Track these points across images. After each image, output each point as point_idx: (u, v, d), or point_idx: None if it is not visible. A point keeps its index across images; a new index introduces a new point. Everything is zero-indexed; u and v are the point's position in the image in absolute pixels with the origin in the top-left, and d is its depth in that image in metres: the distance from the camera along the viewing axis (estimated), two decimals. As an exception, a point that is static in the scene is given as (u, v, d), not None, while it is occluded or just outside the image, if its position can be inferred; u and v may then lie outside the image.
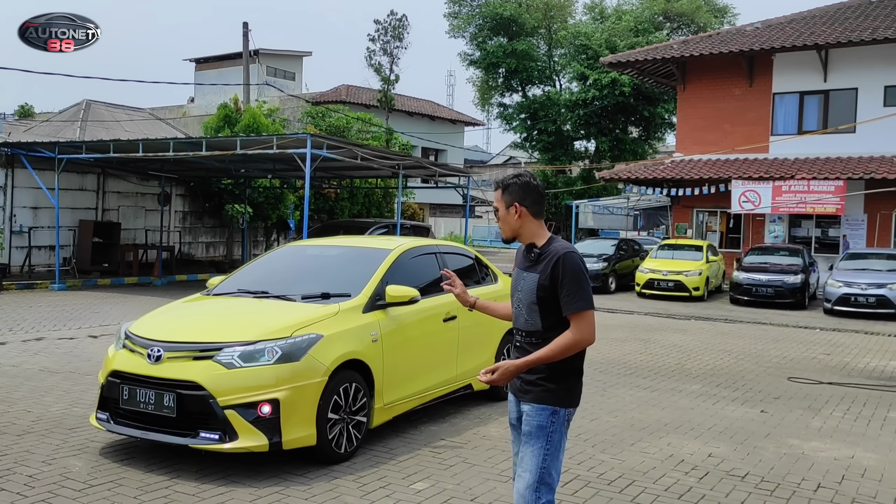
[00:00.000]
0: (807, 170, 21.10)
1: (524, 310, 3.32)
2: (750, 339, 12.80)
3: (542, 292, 3.22)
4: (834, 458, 5.97)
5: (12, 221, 18.81)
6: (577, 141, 39.37)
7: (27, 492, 4.74)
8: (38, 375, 8.09)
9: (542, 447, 3.20)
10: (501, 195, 3.37)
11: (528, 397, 3.27)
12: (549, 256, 3.24)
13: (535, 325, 3.28)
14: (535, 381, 3.24)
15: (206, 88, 36.91)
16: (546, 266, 3.22)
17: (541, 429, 3.21)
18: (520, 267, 3.41)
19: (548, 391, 3.22)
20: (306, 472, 5.25)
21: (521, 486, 3.19)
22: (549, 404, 3.22)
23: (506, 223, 3.38)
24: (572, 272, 3.17)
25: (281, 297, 6.08)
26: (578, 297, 3.16)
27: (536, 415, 3.23)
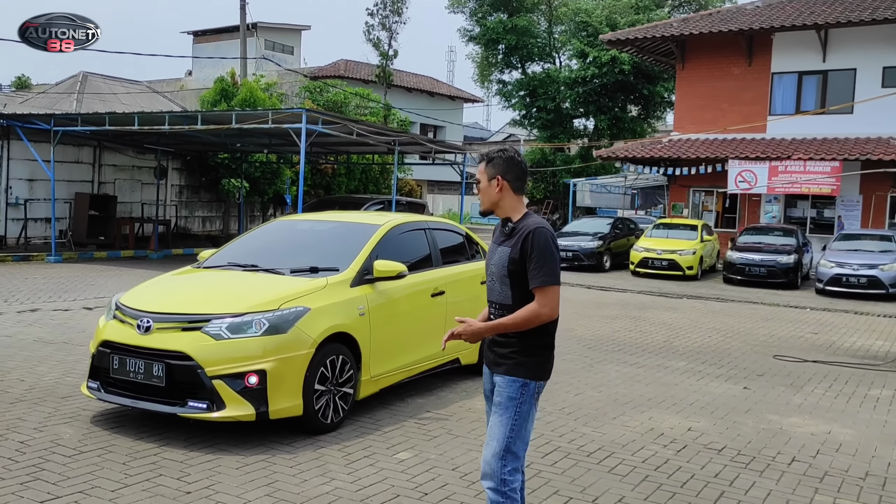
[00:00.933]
0: (804, 150, 21.11)
1: (497, 283, 3.40)
2: (740, 317, 12.92)
3: (512, 266, 3.30)
4: (811, 434, 6.09)
5: (8, 193, 18.84)
6: (577, 119, 39.23)
7: (18, 457, 4.85)
8: (32, 346, 8.19)
9: (511, 417, 3.28)
10: (485, 168, 3.46)
11: (500, 369, 3.35)
12: (521, 231, 3.33)
13: (506, 298, 3.36)
14: (508, 354, 3.33)
15: (204, 62, 36.68)
16: (518, 240, 3.31)
17: (510, 400, 3.29)
18: (495, 241, 3.50)
19: (519, 364, 3.31)
20: (293, 441, 5.36)
21: (487, 453, 3.28)
22: (520, 377, 3.30)
23: (486, 195, 3.46)
24: (540, 247, 3.25)
25: (270, 270, 6.16)
26: (544, 272, 3.24)
27: (507, 386, 3.31)
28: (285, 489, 4.51)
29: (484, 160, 3.49)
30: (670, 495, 4.67)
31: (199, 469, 4.78)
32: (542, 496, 4.56)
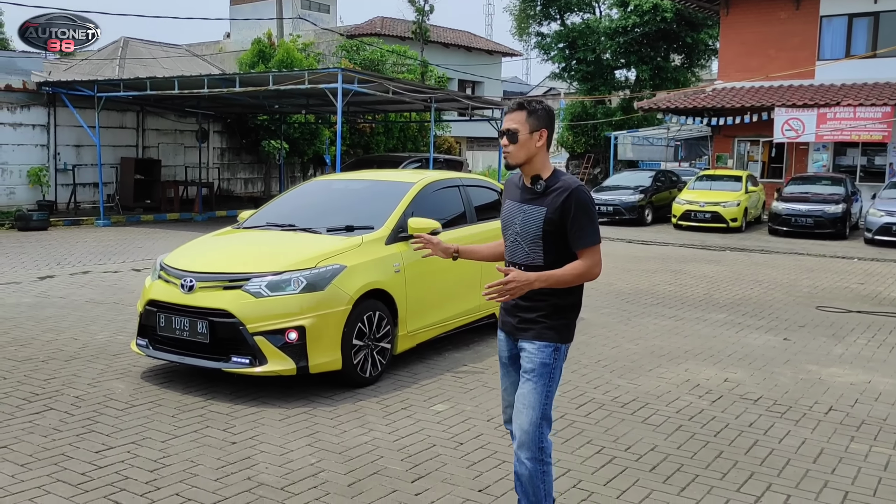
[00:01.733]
0: (853, 96, 20.43)
1: (525, 244, 3.21)
2: (784, 269, 12.73)
3: (549, 226, 3.13)
4: (850, 383, 6.05)
5: (56, 159, 19.33)
6: (618, 70, 38.40)
7: (74, 411, 5.10)
8: (84, 306, 8.52)
9: (545, 384, 3.18)
10: (526, 118, 3.19)
11: (527, 335, 3.22)
12: (559, 190, 3.15)
13: (536, 259, 3.19)
14: (536, 318, 3.20)
15: (242, 23, 36.74)
16: (555, 199, 3.13)
17: (544, 366, 3.18)
18: (516, 200, 3.29)
19: (550, 328, 3.19)
20: (333, 394, 5.53)
21: (524, 422, 3.16)
22: (552, 341, 3.18)
23: (525, 148, 3.19)
24: (584, 207, 3.11)
25: (307, 229, 6.28)
26: (590, 231, 3.12)
27: (539, 352, 3.18)
28: (326, 439, 4.68)
29: (525, 109, 3.20)
30: (703, 444, 4.71)
31: (243, 421, 4.97)
32: (574, 445, 4.64)
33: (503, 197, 3.42)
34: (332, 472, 4.20)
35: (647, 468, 4.33)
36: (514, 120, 3.20)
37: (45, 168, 18.89)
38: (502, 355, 3.42)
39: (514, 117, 3.21)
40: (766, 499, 3.97)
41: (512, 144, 3.20)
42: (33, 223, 16.34)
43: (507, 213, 3.32)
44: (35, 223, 16.36)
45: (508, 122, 3.21)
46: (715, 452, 4.58)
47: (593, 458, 4.46)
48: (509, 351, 3.38)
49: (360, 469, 4.26)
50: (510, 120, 3.21)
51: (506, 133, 3.21)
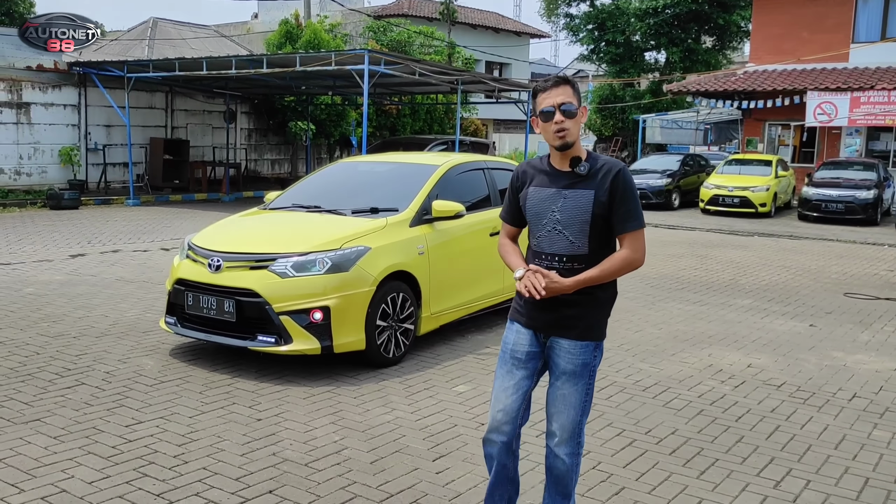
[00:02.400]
0: (888, 79, 20.01)
1: (569, 233, 2.96)
2: (812, 255, 12.58)
3: (599, 210, 2.92)
4: (876, 371, 6.00)
5: (87, 139, 19.61)
6: (647, 52, 37.90)
7: (105, 386, 5.23)
8: (114, 284, 8.68)
9: (587, 383, 3.04)
10: (573, 92, 2.96)
11: (570, 334, 3.00)
12: (604, 171, 2.96)
13: (581, 248, 2.96)
14: (580, 314, 2.98)
15: (270, 4, 36.82)
16: (603, 181, 2.93)
17: (585, 366, 3.01)
18: (548, 185, 3.03)
19: (591, 326, 3.01)
20: (356, 374, 5.60)
21: (566, 421, 3.02)
22: (594, 339, 3.02)
23: (578, 125, 2.96)
24: (631, 189, 2.94)
25: (332, 211, 6.34)
26: (636, 215, 2.96)
27: (581, 353, 3.00)
28: (349, 418, 4.75)
29: (569, 84, 2.97)
30: (724, 429, 4.72)
31: (269, 398, 5.06)
32: (595, 428, 4.67)
33: (518, 184, 3.14)
34: (355, 450, 4.28)
35: (666, 451, 4.35)
36: (566, 94, 2.95)
37: (76, 147, 19.18)
38: (517, 350, 3.09)
39: (564, 91, 2.95)
40: (785, 483, 3.97)
41: (569, 120, 2.93)
42: (65, 202, 16.63)
43: (540, 201, 3.04)
44: (66, 202, 16.65)
45: (560, 97, 2.94)
46: (736, 437, 4.59)
47: (613, 441, 4.49)
48: (530, 346, 3.08)
49: (382, 447, 4.33)
50: (561, 94, 2.95)
51: (560, 109, 2.93)
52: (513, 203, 3.19)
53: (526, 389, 3.09)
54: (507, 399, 3.07)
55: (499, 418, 3.07)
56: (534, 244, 3.08)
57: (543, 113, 2.96)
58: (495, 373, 3.16)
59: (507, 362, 3.11)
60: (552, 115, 2.94)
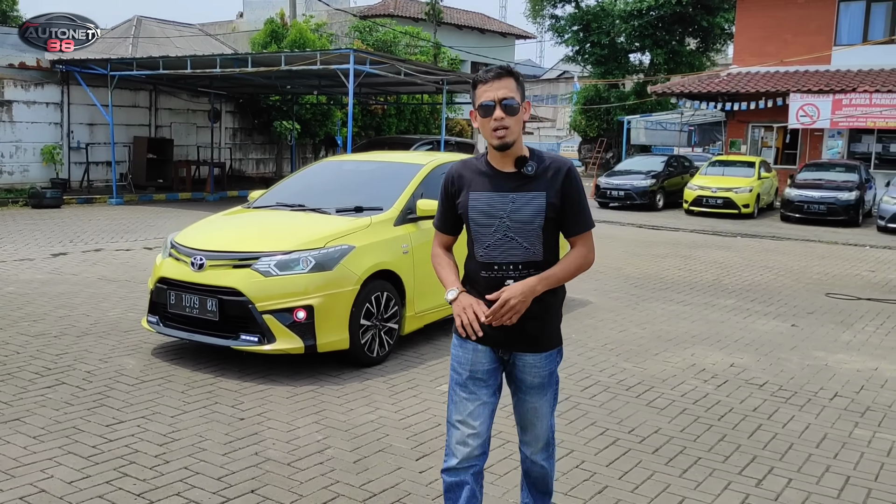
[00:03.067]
0: (870, 82, 20.22)
1: (522, 238, 2.72)
2: (795, 256, 12.68)
3: (552, 212, 2.71)
4: (857, 370, 6.05)
5: (70, 138, 19.42)
6: (632, 54, 38.09)
7: (86, 385, 5.18)
8: (96, 283, 8.61)
9: (555, 391, 2.93)
10: (516, 86, 2.70)
11: (531, 344, 2.81)
12: (553, 170, 2.74)
13: (536, 254, 2.74)
14: (539, 324, 2.79)
15: (255, 3, 36.67)
16: (553, 181, 2.71)
17: (551, 375, 2.89)
18: (490, 189, 2.75)
19: (552, 335, 2.86)
20: (340, 373, 5.58)
21: (540, 430, 2.92)
22: (556, 346, 2.89)
23: (520, 123, 2.72)
24: (581, 188, 2.77)
25: (316, 210, 6.32)
26: (587, 215, 2.79)
27: (547, 363, 2.85)
28: (332, 417, 4.73)
29: (512, 76, 2.71)
30: (707, 427, 4.74)
31: (251, 398, 5.03)
32: (578, 427, 4.68)
33: (454, 189, 2.84)
34: (338, 449, 4.26)
35: (649, 450, 4.36)
36: (508, 88, 2.67)
37: (58, 146, 19.00)
38: (477, 370, 2.82)
39: (507, 84, 2.68)
40: (767, 482, 4.00)
41: (511, 117, 2.67)
42: (47, 201, 16.47)
43: (486, 207, 2.74)
44: (48, 201, 16.49)
45: (502, 90, 2.66)
46: (718, 436, 4.61)
47: (597, 440, 4.49)
48: (491, 364, 2.83)
49: (365, 447, 4.31)
50: (503, 87, 2.67)
51: (501, 104, 2.66)
52: (448, 210, 2.90)
53: (493, 408, 2.86)
54: (476, 422, 2.80)
55: (472, 444, 2.79)
56: (480, 255, 2.77)
57: (482, 107, 2.69)
58: (451, 396, 2.86)
59: (466, 385, 2.82)
60: (492, 111, 2.67)
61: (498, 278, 2.74)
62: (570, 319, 7.51)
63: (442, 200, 2.93)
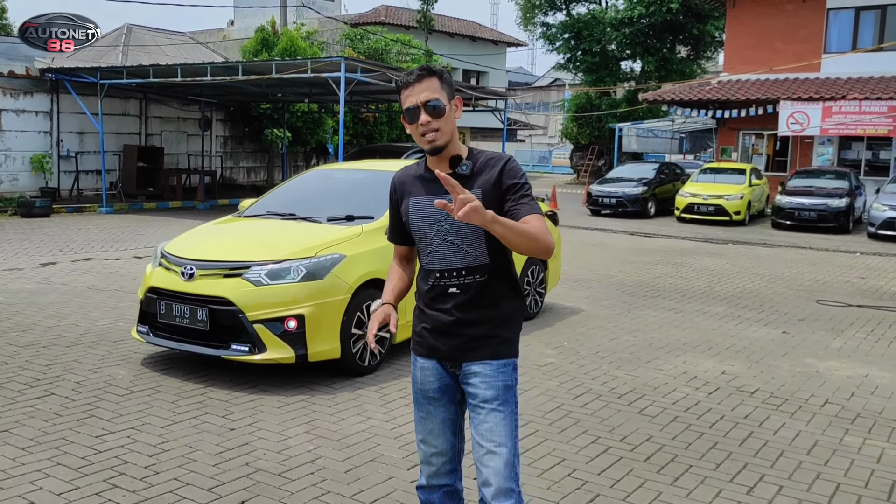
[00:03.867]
0: (859, 90, 20.36)
1: (462, 242, 2.58)
2: (786, 263, 12.73)
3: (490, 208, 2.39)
4: (847, 377, 6.07)
5: (59, 146, 19.35)
6: (623, 61, 38.29)
7: (75, 396, 5.14)
8: (86, 293, 8.56)
9: (513, 410, 2.60)
10: (441, 85, 2.56)
11: (481, 354, 2.60)
12: (489, 165, 2.60)
13: (480, 257, 2.59)
14: (488, 332, 2.61)
15: (247, 11, 36.67)
16: (489, 175, 2.56)
17: (507, 389, 2.60)
18: (428, 194, 2.61)
19: (505, 341, 2.63)
20: (332, 382, 5.56)
21: (498, 464, 2.53)
22: (511, 357, 2.64)
23: (450, 123, 2.57)
24: (521, 174, 2.58)
25: (307, 218, 6.31)
26: (533, 202, 2.56)
27: (499, 374, 2.59)
28: (323, 426, 4.71)
29: (435, 75, 2.57)
30: (698, 435, 4.74)
31: (242, 408, 5.01)
32: (570, 435, 4.67)
33: (397, 197, 2.73)
34: (330, 459, 4.24)
35: (641, 458, 4.36)
36: (431, 88, 2.54)
37: (48, 155, 18.93)
38: (427, 388, 2.69)
39: (431, 86, 2.54)
40: (758, 489, 4.00)
41: (437, 120, 2.53)
42: (36, 210, 16.38)
43: (423, 213, 2.63)
44: (38, 210, 16.41)
45: (426, 93, 2.53)
46: (709, 443, 4.61)
47: (589, 448, 4.49)
48: (440, 381, 2.68)
49: (357, 456, 4.29)
50: (426, 89, 2.53)
51: (426, 107, 2.53)
52: (394, 220, 2.79)
53: (453, 425, 2.71)
54: (436, 441, 2.70)
55: (436, 462, 2.71)
56: (425, 262, 2.66)
57: (407, 112, 2.55)
58: (414, 415, 2.78)
59: (421, 403, 2.72)
60: (417, 115, 2.54)
61: (440, 286, 2.62)
62: (562, 327, 7.51)
63: (390, 211, 2.81)
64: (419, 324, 2.71)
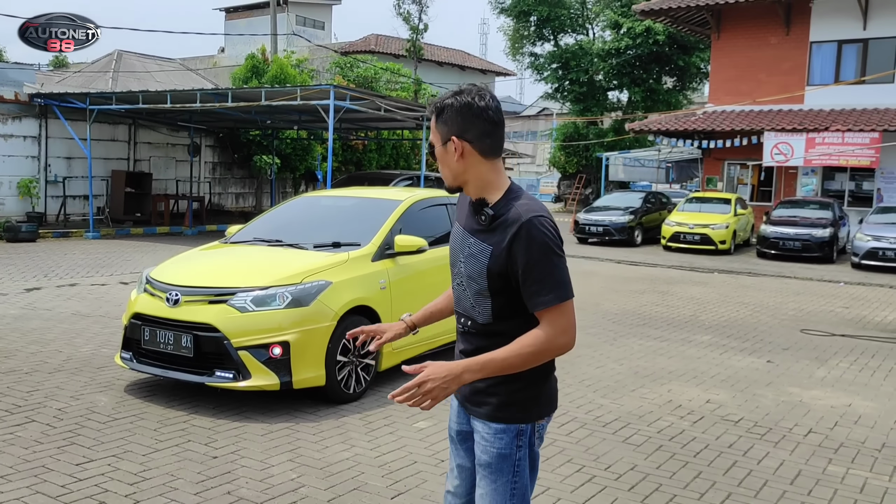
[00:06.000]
0: (842, 121, 20.67)
1: (470, 293, 2.34)
2: (770, 292, 12.81)
3: (494, 280, 2.25)
4: (831, 406, 6.10)
5: (47, 171, 19.31)
6: (610, 91, 38.73)
7: (56, 423, 5.09)
8: (70, 318, 8.50)
9: (509, 481, 2.32)
10: (435, 124, 2.32)
11: (480, 411, 2.36)
12: (507, 224, 2.24)
13: (483, 313, 2.33)
14: (489, 389, 2.32)
15: (236, 38, 36.95)
16: (503, 237, 2.24)
17: (503, 459, 2.32)
18: (464, 225, 2.40)
19: (508, 404, 2.32)
20: (316, 410, 5.53)
21: None
22: (512, 422, 2.32)
23: (445, 165, 2.34)
24: (541, 250, 2.19)
25: (294, 245, 6.32)
26: (551, 284, 2.19)
27: (495, 440, 2.32)
28: (307, 455, 4.68)
29: (434, 114, 2.33)
30: (682, 464, 4.74)
31: (225, 435, 4.97)
32: (555, 464, 4.66)
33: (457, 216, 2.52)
34: (313, 488, 4.21)
35: (625, 487, 4.35)
36: (432, 128, 2.37)
37: (35, 180, 18.87)
38: (451, 427, 2.55)
39: (432, 125, 2.36)
40: (742, 520, 4.00)
41: (438, 160, 2.39)
42: (22, 234, 16.29)
43: (453, 243, 2.45)
44: (24, 234, 16.32)
45: (431, 135, 2.41)
46: (694, 472, 4.61)
47: (573, 477, 4.48)
48: (459, 425, 2.50)
49: (340, 485, 4.27)
50: (431, 131, 2.40)
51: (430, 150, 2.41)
52: None
53: (468, 472, 2.51)
54: (454, 482, 2.57)
55: (449, 500, 2.59)
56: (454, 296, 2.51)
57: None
58: None
59: (449, 439, 2.59)
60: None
61: (458, 324, 2.43)
62: (548, 355, 7.50)
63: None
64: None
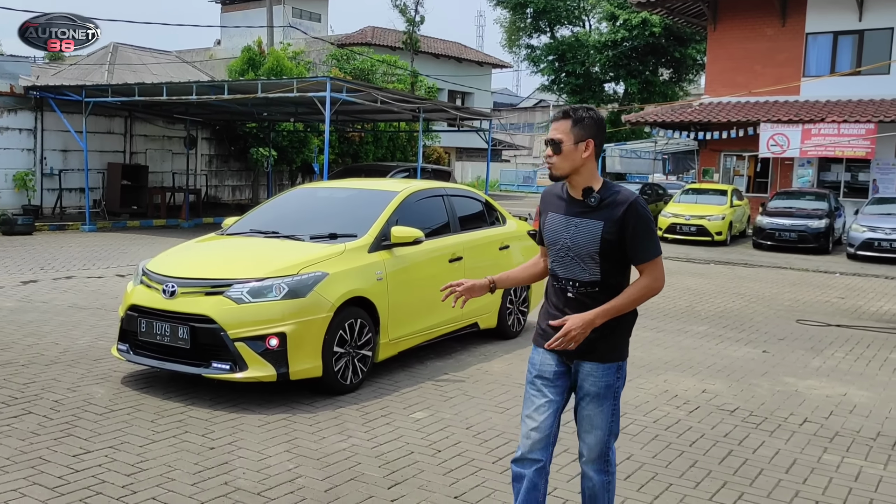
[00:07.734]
0: (838, 112, 20.68)
1: (580, 261, 3.06)
2: (766, 282, 12.84)
3: (606, 242, 3.00)
4: (826, 396, 6.12)
5: (43, 164, 19.26)
6: (606, 83, 38.78)
7: (53, 415, 5.09)
8: (66, 311, 8.49)
9: (612, 404, 3.10)
10: (571, 128, 3.04)
11: (592, 357, 3.08)
12: (616, 203, 3.02)
13: (592, 275, 3.05)
14: (598, 337, 3.04)
15: (233, 31, 36.81)
16: (612, 213, 3.00)
17: (608, 388, 3.08)
18: (562, 212, 3.13)
19: (613, 348, 3.09)
20: (313, 401, 5.54)
21: (592, 441, 3.11)
22: (616, 361, 3.10)
23: (569, 160, 3.04)
24: (645, 220, 3.01)
25: (290, 236, 6.31)
26: (652, 244, 3.02)
27: (603, 375, 3.08)
28: (304, 446, 4.69)
29: (569, 118, 3.05)
30: (678, 454, 4.76)
31: (222, 427, 4.98)
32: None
33: (542, 207, 3.26)
34: (310, 478, 4.22)
35: (621, 477, 4.37)
36: (559, 129, 3.05)
37: (31, 172, 18.82)
38: (545, 370, 3.16)
39: (559, 126, 3.06)
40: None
41: (556, 155, 3.05)
42: (18, 227, 16.26)
43: (553, 227, 3.16)
44: (20, 227, 16.29)
45: (553, 132, 3.07)
46: (689, 462, 4.64)
47: (569, 467, 4.49)
48: (557, 366, 3.14)
49: (337, 475, 4.28)
50: (554, 129, 3.07)
51: (549, 143, 3.07)
52: (539, 225, 3.32)
53: (557, 408, 3.13)
54: (539, 417, 3.11)
55: (534, 437, 3.09)
56: (551, 268, 3.20)
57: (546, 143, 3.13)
58: (524, 395, 3.22)
59: (534, 383, 3.17)
60: (546, 147, 3.10)
61: (561, 289, 3.13)
62: (545, 346, 7.52)
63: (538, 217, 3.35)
64: (544, 319, 3.18)
